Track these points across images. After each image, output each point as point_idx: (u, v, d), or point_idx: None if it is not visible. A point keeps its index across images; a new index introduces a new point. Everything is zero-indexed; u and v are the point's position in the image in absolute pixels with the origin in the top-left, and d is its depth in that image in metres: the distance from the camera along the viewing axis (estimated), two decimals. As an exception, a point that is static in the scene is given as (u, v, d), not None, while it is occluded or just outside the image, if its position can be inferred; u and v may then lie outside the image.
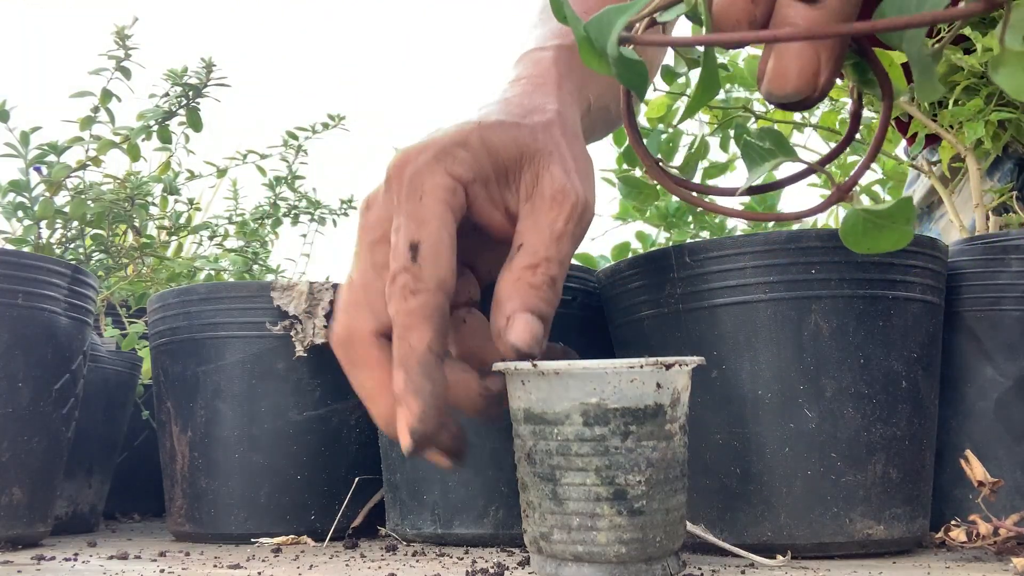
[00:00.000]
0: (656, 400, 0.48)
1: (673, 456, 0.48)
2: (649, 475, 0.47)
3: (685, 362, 0.49)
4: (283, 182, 1.41)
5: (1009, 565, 0.66)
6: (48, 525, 0.90)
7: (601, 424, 0.47)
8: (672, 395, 0.48)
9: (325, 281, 0.96)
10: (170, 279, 1.29)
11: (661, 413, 0.48)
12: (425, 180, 0.55)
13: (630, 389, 0.47)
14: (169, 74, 1.10)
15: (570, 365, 0.48)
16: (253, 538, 0.92)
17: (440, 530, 0.86)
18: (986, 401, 0.81)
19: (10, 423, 0.84)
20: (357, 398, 0.98)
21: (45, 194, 1.05)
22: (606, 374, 0.47)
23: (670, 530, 0.49)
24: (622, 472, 0.47)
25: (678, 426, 0.49)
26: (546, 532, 0.49)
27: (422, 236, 0.54)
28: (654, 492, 0.48)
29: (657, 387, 0.47)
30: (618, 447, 0.47)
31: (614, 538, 0.47)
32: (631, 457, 0.47)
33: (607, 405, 0.47)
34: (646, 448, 0.47)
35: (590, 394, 0.47)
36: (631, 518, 0.47)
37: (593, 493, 0.48)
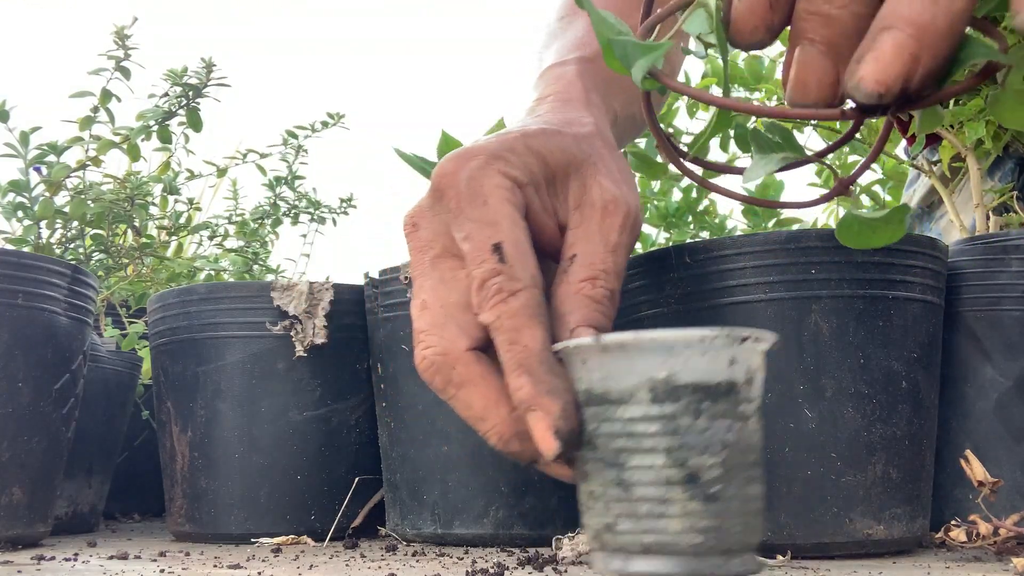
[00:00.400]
0: (729, 376, 0.44)
1: (749, 440, 0.44)
2: (724, 457, 0.43)
3: (760, 336, 0.44)
4: (283, 182, 1.41)
5: (1009, 565, 0.66)
6: (48, 525, 0.90)
7: (671, 400, 0.43)
8: (746, 373, 0.44)
9: (325, 281, 0.96)
10: (170, 279, 1.29)
11: (734, 391, 0.44)
12: (484, 183, 0.53)
13: (701, 363, 0.43)
14: (169, 74, 1.10)
15: (636, 337, 0.44)
16: (253, 538, 0.92)
17: (440, 530, 0.86)
18: (986, 401, 0.81)
19: (10, 423, 0.84)
20: (357, 398, 0.99)
21: (45, 194, 1.05)
22: (676, 345, 0.43)
23: (748, 522, 0.44)
24: (695, 453, 0.43)
25: (753, 408, 0.44)
26: (611, 523, 0.45)
27: (501, 236, 0.51)
28: (731, 477, 0.43)
29: (731, 362, 0.44)
30: (690, 426, 0.43)
31: (688, 526, 0.43)
32: (704, 437, 0.43)
33: (677, 380, 0.43)
34: (720, 428, 0.43)
35: (658, 368, 0.43)
36: (706, 504, 0.43)
37: (663, 476, 0.43)
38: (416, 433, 0.88)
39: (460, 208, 0.53)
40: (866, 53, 0.37)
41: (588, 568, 0.67)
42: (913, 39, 0.36)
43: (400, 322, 0.89)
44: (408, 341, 0.88)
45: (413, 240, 0.56)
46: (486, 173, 0.54)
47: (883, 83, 0.36)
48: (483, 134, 1.15)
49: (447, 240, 0.54)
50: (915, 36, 0.36)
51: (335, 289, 0.95)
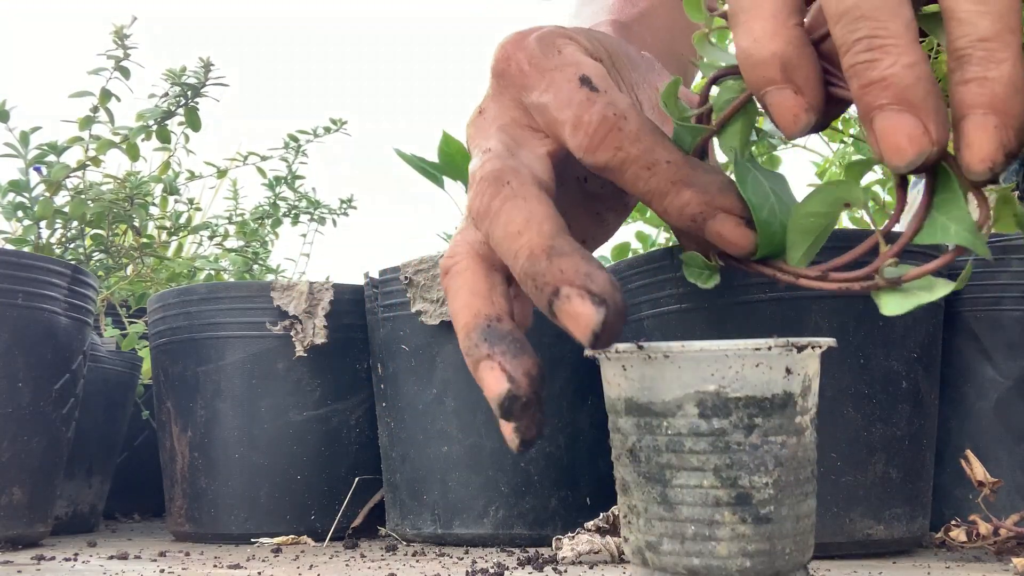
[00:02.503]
0: (785, 388, 0.40)
1: (804, 454, 0.41)
2: (778, 476, 0.40)
3: (817, 343, 0.41)
4: (283, 182, 1.41)
5: (1009, 565, 0.66)
6: (48, 525, 0.90)
7: (721, 416, 0.40)
8: (803, 383, 0.41)
9: (325, 281, 0.96)
10: (170, 279, 1.29)
11: (791, 403, 0.40)
12: (555, 40, 0.48)
13: (755, 375, 0.40)
14: (168, 74, 1.10)
15: (683, 346, 0.41)
16: (253, 538, 0.92)
17: (440, 530, 0.86)
18: (986, 401, 0.81)
19: (10, 423, 0.84)
20: (357, 398, 0.99)
21: (45, 194, 1.05)
22: (727, 357, 0.40)
23: (800, 540, 0.41)
24: (746, 472, 0.40)
25: (809, 419, 0.41)
26: (654, 541, 0.42)
27: (586, 70, 0.45)
28: (783, 496, 0.40)
29: (787, 373, 0.40)
30: (741, 443, 0.40)
31: (737, 550, 0.40)
32: (757, 455, 0.40)
33: (728, 394, 0.40)
34: (774, 444, 0.40)
35: (707, 380, 0.41)
36: (757, 526, 0.40)
37: (712, 497, 0.41)
38: (416, 433, 0.88)
39: (534, 65, 0.47)
40: (960, 144, 0.36)
41: (588, 568, 0.67)
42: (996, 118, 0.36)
43: (400, 322, 0.89)
44: (407, 341, 0.89)
45: (476, 123, 0.49)
46: (555, 35, 0.48)
47: (987, 160, 0.36)
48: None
49: (516, 113, 0.48)
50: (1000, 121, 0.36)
51: (335, 289, 0.95)
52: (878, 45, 0.36)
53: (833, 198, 0.41)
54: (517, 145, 0.46)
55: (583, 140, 0.44)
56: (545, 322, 0.91)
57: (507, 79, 0.48)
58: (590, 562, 0.70)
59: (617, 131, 0.43)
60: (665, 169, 0.43)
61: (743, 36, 0.39)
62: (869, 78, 0.36)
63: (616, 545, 0.70)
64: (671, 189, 0.43)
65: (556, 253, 0.40)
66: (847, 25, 0.36)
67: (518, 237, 0.42)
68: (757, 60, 0.39)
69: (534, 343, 0.47)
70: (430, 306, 0.87)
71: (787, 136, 0.40)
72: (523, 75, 0.47)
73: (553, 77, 0.46)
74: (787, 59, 0.39)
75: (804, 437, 0.41)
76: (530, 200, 0.43)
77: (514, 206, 0.43)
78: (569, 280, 0.40)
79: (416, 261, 0.88)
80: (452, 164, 1.15)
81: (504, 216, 0.43)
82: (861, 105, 0.37)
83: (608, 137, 0.43)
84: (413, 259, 0.88)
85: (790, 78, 0.39)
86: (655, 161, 0.43)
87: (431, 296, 0.87)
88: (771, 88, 0.39)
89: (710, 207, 0.43)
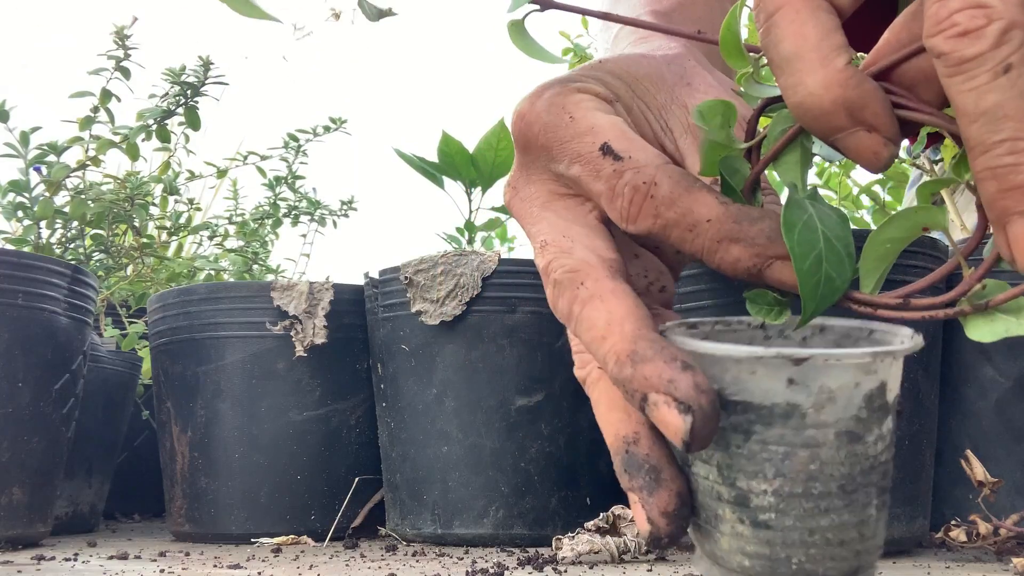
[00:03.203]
0: (789, 399, 0.39)
1: (821, 469, 0.39)
2: (779, 485, 0.39)
3: (834, 356, 0.39)
4: (283, 182, 1.41)
5: (1009, 565, 0.66)
6: (48, 525, 0.90)
7: (723, 414, 0.39)
8: (816, 395, 0.39)
9: (325, 281, 0.96)
10: (170, 279, 1.29)
11: (796, 415, 0.39)
12: (565, 102, 0.46)
13: (751, 382, 0.39)
14: (168, 73, 1.10)
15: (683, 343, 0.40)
16: (253, 538, 0.92)
17: (440, 530, 0.86)
18: (986, 401, 0.81)
19: (10, 423, 0.84)
20: (357, 398, 0.99)
21: (45, 194, 1.05)
22: (723, 361, 0.39)
23: (817, 554, 0.40)
24: (744, 476, 0.40)
25: (832, 433, 0.39)
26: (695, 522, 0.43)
27: (603, 136, 0.44)
28: (787, 506, 0.39)
29: (789, 383, 0.39)
30: (740, 445, 0.39)
31: (736, 547, 0.40)
32: (755, 462, 0.39)
33: (726, 396, 0.39)
34: (775, 454, 0.39)
35: (711, 379, 0.39)
36: (755, 530, 0.40)
37: (715, 491, 0.40)
38: (416, 433, 0.88)
39: (550, 138, 0.46)
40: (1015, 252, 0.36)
41: (588, 568, 0.67)
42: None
43: (400, 322, 0.89)
44: (407, 341, 0.89)
45: (515, 203, 0.48)
46: (564, 95, 0.47)
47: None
48: (483, 135, 1.15)
49: (552, 185, 0.47)
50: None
51: (335, 289, 0.95)
52: (1022, 148, 0.35)
53: (912, 223, 0.40)
54: (568, 224, 0.46)
55: (621, 212, 0.43)
56: (543, 320, 0.91)
57: (531, 152, 0.47)
58: (590, 562, 0.70)
59: (650, 199, 0.42)
60: (707, 228, 0.42)
61: (796, 90, 0.38)
62: (1012, 183, 0.35)
63: (616, 545, 0.70)
64: (718, 247, 0.42)
65: (639, 359, 0.40)
66: (987, 125, 0.35)
67: (603, 342, 0.42)
68: (818, 112, 0.38)
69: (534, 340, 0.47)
70: (430, 306, 0.87)
71: (872, 172, 0.39)
72: (544, 148, 0.46)
73: (574, 148, 0.45)
74: (850, 103, 0.37)
75: (821, 452, 0.39)
76: (606, 299, 0.42)
77: (593, 309, 0.43)
78: (654, 387, 0.39)
79: (416, 261, 0.88)
80: (452, 164, 1.15)
81: (586, 321, 0.43)
82: (996, 208, 0.36)
83: (644, 206, 0.43)
84: (413, 259, 0.88)
85: (859, 120, 0.37)
86: (695, 222, 0.42)
87: (431, 296, 0.87)
88: (842, 135, 0.38)
89: (762, 258, 0.42)
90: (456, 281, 0.86)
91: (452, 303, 0.86)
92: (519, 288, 0.87)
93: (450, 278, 0.86)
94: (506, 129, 1.13)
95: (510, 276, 0.87)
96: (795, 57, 0.38)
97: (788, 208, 0.41)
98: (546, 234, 0.46)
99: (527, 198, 0.48)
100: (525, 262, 0.89)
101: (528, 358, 0.86)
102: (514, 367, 0.86)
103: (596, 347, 0.42)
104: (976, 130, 0.35)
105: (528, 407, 0.86)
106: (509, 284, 0.87)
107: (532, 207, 0.47)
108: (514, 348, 0.86)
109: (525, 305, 0.87)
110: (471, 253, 0.87)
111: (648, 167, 0.43)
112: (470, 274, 0.86)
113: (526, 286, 0.87)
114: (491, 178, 1.16)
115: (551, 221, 0.46)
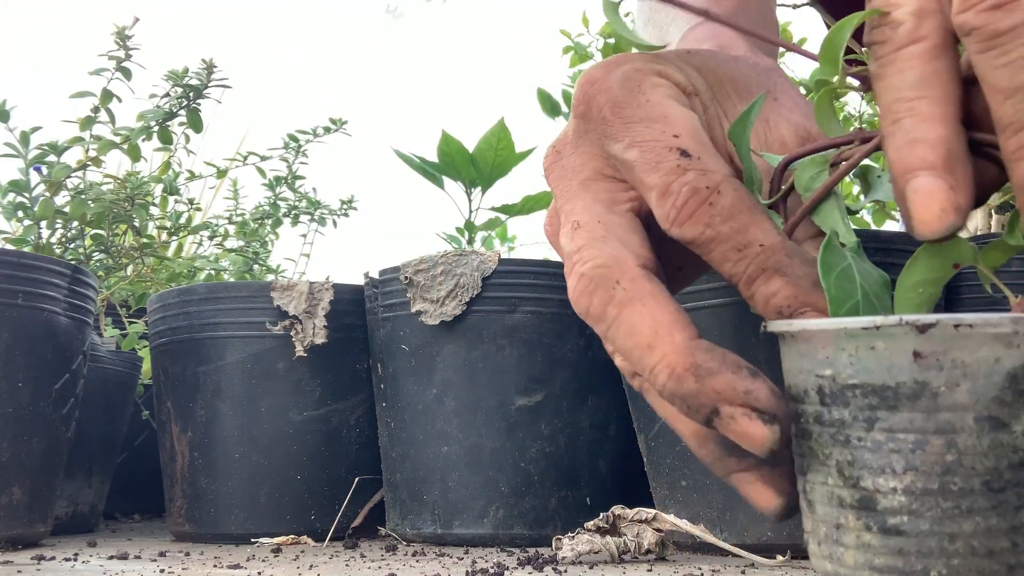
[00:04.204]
0: (916, 376, 0.34)
1: (959, 461, 0.34)
2: (910, 481, 0.34)
3: (965, 321, 0.34)
4: (283, 182, 1.41)
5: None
6: (48, 525, 0.90)
7: (840, 404, 0.35)
8: (947, 369, 0.34)
9: (325, 281, 0.96)
10: (170, 279, 1.29)
11: (926, 394, 0.34)
12: (642, 81, 0.43)
13: (871, 359, 0.34)
14: (170, 75, 1.10)
15: (804, 325, 0.36)
16: (253, 538, 0.92)
17: (440, 530, 0.86)
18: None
19: (10, 423, 0.84)
20: (357, 398, 0.99)
21: (45, 194, 1.05)
22: (838, 336, 0.35)
23: (959, 566, 0.34)
24: (868, 473, 0.35)
25: (971, 418, 0.34)
26: (806, 537, 0.38)
27: (677, 129, 0.41)
28: (922, 507, 0.34)
29: (915, 357, 0.34)
30: (861, 438, 0.35)
31: (863, 561, 0.35)
32: (880, 455, 0.34)
33: (843, 379, 0.35)
34: (903, 444, 0.34)
35: (823, 364, 0.35)
36: (884, 537, 0.35)
37: (836, 497, 0.36)
38: (416, 433, 0.88)
39: (616, 113, 0.43)
40: None
41: (588, 568, 0.67)
42: None
43: (400, 322, 0.89)
44: (407, 341, 0.89)
45: (555, 171, 0.45)
46: (642, 73, 0.44)
47: None
48: (483, 135, 1.15)
49: (599, 163, 0.44)
50: None
51: (335, 289, 0.95)
52: None
53: (941, 261, 0.38)
54: (605, 210, 0.43)
55: (670, 211, 0.40)
56: (543, 320, 0.91)
57: (589, 123, 0.44)
58: (590, 562, 0.70)
59: (708, 206, 0.40)
60: (757, 253, 0.39)
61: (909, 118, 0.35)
62: None
63: (616, 545, 0.70)
64: (760, 276, 0.39)
65: (704, 372, 0.38)
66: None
67: (650, 351, 0.39)
68: (916, 137, 0.35)
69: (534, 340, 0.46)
70: (430, 306, 0.87)
71: (919, 234, 0.35)
72: (605, 122, 0.43)
73: (638, 131, 0.42)
74: (953, 148, 0.34)
75: (959, 439, 0.34)
76: (647, 303, 0.40)
77: (633, 313, 0.40)
78: (728, 400, 0.37)
79: (416, 261, 0.88)
80: (452, 164, 1.15)
81: (625, 326, 0.40)
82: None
83: (698, 212, 0.40)
84: (413, 259, 0.88)
85: (951, 170, 0.34)
86: (748, 243, 0.39)
87: (431, 296, 0.87)
88: (924, 173, 0.34)
89: (797, 301, 0.39)
90: (456, 281, 0.86)
91: (452, 303, 0.86)
92: (519, 288, 0.87)
93: (450, 278, 0.86)
94: (506, 129, 1.13)
95: (510, 276, 0.87)
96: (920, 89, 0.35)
97: (826, 251, 0.39)
98: (580, 215, 0.43)
99: (569, 169, 0.45)
100: (525, 262, 0.89)
101: (528, 358, 0.86)
102: (514, 367, 0.86)
103: (640, 356, 0.40)
104: (1011, 107, 0.33)
105: (528, 407, 0.86)
106: (509, 284, 0.87)
107: (571, 181, 0.44)
108: (514, 348, 0.86)
109: (525, 305, 0.87)
110: (471, 253, 0.87)
111: (715, 173, 0.40)
112: (470, 274, 0.86)
113: (526, 286, 0.87)
114: (491, 178, 1.16)
115: (587, 203, 0.43)
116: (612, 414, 0.90)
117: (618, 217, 0.43)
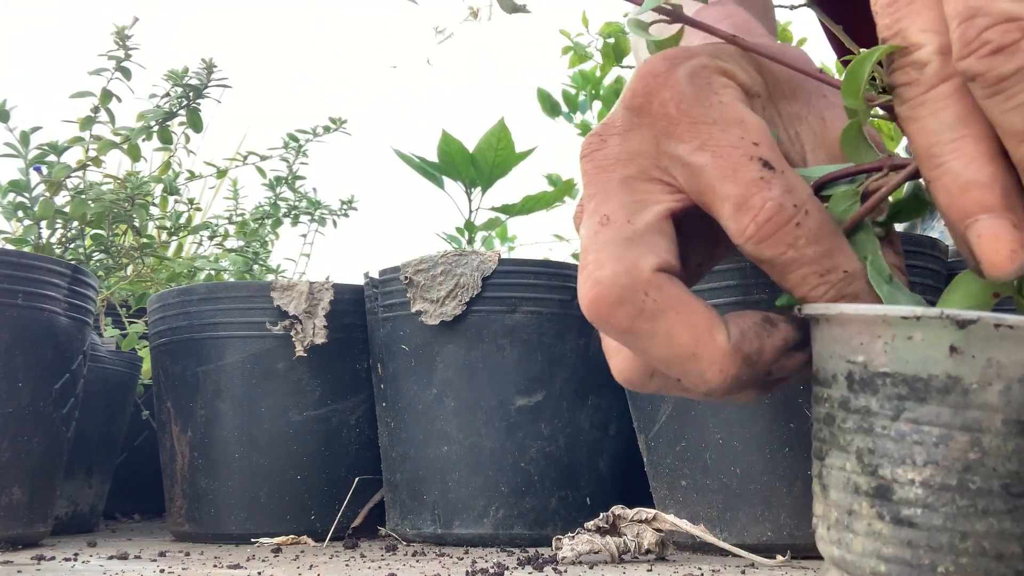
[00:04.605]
0: (949, 371, 0.34)
1: (981, 460, 0.34)
2: (929, 475, 0.34)
3: (1006, 322, 0.33)
4: (283, 182, 1.41)
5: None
6: (48, 525, 0.90)
7: (868, 392, 0.35)
8: (981, 367, 0.33)
9: (325, 281, 0.96)
10: (170, 279, 1.29)
11: (957, 390, 0.34)
12: (712, 80, 0.41)
13: (907, 349, 0.34)
14: (170, 75, 1.10)
15: (841, 309, 0.36)
16: (253, 538, 0.92)
17: (440, 530, 0.86)
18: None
19: (10, 423, 0.84)
20: (357, 398, 0.99)
21: (45, 194, 1.05)
22: (875, 324, 0.35)
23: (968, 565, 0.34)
24: (888, 462, 0.35)
25: (999, 419, 0.33)
26: (815, 521, 0.39)
27: (757, 137, 0.39)
28: (937, 502, 0.34)
29: (951, 351, 0.34)
30: (886, 427, 0.35)
31: (871, 549, 0.35)
32: (903, 445, 0.34)
33: (874, 367, 0.35)
34: (928, 437, 0.34)
35: (856, 350, 0.35)
36: (896, 528, 0.35)
37: (852, 483, 0.36)
38: (416, 433, 0.88)
39: (683, 112, 0.40)
40: None
41: (588, 568, 0.67)
42: None
43: (400, 322, 0.89)
44: (407, 341, 0.89)
45: (595, 159, 0.42)
46: (710, 71, 0.42)
47: None
48: (483, 135, 1.15)
49: (646, 161, 0.41)
50: None
51: (335, 289, 0.95)
52: None
53: (980, 289, 0.37)
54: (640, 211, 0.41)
55: (749, 227, 0.38)
56: (543, 320, 0.91)
57: (647, 117, 0.41)
58: (590, 562, 0.70)
59: (794, 227, 0.38)
60: (840, 279, 0.38)
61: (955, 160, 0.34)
62: None
63: (616, 545, 0.70)
64: (840, 301, 0.38)
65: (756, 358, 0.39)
66: None
67: (695, 361, 0.39)
68: (968, 181, 0.34)
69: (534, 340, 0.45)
70: (430, 306, 0.87)
71: (992, 277, 0.34)
72: (669, 120, 0.41)
73: (711, 134, 0.39)
74: (1007, 184, 0.33)
75: (985, 439, 0.34)
76: (680, 310, 0.39)
77: (668, 323, 0.39)
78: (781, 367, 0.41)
79: (416, 261, 0.88)
80: (452, 164, 1.15)
81: (662, 336, 0.39)
82: None
83: (782, 232, 0.38)
84: (413, 259, 0.88)
85: (1011, 207, 0.33)
86: (832, 268, 0.38)
87: (431, 296, 0.87)
88: (985, 216, 0.34)
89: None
90: (456, 281, 0.86)
91: (452, 303, 0.86)
92: (519, 288, 0.87)
93: (450, 278, 0.86)
94: (506, 129, 1.13)
95: (510, 276, 0.87)
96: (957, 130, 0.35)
97: (887, 285, 0.39)
98: (612, 210, 0.40)
99: (612, 160, 0.42)
100: (525, 262, 0.89)
101: (528, 358, 0.86)
102: (514, 367, 0.86)
103: (683, 365, 0.39)
104: None
105: (528, 407, 0.86)
106: (509, 284, 0.87)
107: (612, 174, 0.41)
108: (514, 348, 0.86)
109: (525, 305, 0.87)
110: (471, 253, 0.87)
111: (801, 191, 0.38)
112: (470, 274, 0.86)
113: (526, 286, 0.87)
114: (491, 178, 1.17)
115: (623, 201, 0.41)
116: (612, 414, 0.90)
117: (651, 218, 0.41)
